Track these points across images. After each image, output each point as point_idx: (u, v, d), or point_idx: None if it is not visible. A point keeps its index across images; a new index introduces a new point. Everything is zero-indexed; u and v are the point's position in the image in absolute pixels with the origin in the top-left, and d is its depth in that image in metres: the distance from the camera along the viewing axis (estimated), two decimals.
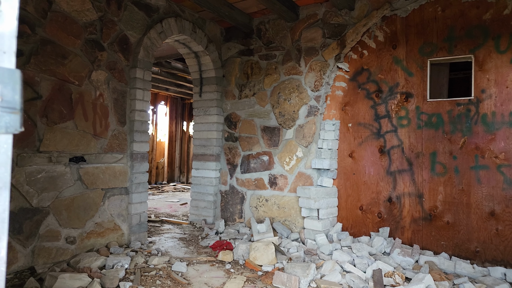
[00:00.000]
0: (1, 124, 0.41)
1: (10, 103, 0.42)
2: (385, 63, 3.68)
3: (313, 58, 4.08)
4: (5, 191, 0.42)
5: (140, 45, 3.76)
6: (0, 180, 0.41)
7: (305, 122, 4.08)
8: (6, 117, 0.42)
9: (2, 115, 0.41)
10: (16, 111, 0.42)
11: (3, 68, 0.41)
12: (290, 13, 4.10)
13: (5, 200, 0.42)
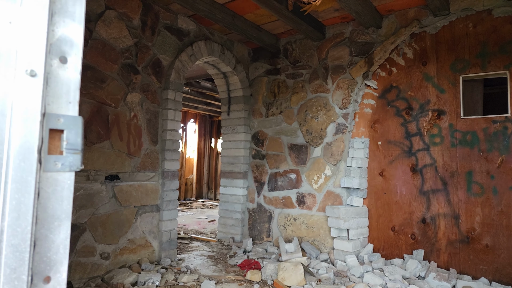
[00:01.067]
0: (65, 163, 0.49)
1: (73, 145, 0.49)
2: (415, 80, 3.63)
3: (340, 76, 4.11)
4: (67, 221, 0.49)
5: (172, 68, 3.95)
6: (63, 212, 0.48)
7: (333, 140, 4.07)
8: (70, 158, 0.49)
9: (67, 156, 0.49)
10: (78, 152, 0.49)
11: (68, 116, 0.48)
12: (316, 33, 4.17)
13: (67, 229, 0.49)
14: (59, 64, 0.48)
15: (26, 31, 0.44)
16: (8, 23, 0.42)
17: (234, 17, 3.99)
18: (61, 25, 0.47)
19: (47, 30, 0.46)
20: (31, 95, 0.44)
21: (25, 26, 0.44)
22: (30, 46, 0.44)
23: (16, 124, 0.44)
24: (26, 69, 0.44)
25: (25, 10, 0.43)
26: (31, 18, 0.43)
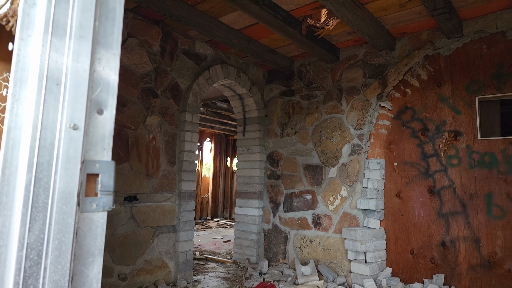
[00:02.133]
0: (100, 204, 0.54)
1: (106, 187, 0.55)
2: (430, 101, 3.63)
3: (354, 98, 4.14)
4: (100, 257, 0.54)
5: (189, 91, 4.08)
6: (97, 248, 0.54)
7: (349, 161, 4.07)
8: (103, 199, 0.55)
9: (101, 197, 0.54)
10: (110, 193, 0.55)
11: (103, 161, 0.54)
12: (330, 55, 4.24)
13: (99, 264, 0.54)
14: (96, 116, 0.54)
15: (71, 91, 0.50)
16: (55, 85, 0.49)
17: (250, 42, 4.12)
18: (100, 85, 0.53)
19: (88, 88, 0.52)
20: (73, 146, 0.50)
21: (70, 88, 0.50)
22: (74, 104, 0.50)
23: (60, 172, 0.50)
24: (70, 123, 0.50)
25: (71, 74, 0.50)
26: (76, 80, 0.50)
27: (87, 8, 0.55)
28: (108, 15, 0.61)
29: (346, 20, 3.31)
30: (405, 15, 3.44)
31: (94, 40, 0.55)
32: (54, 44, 0.53)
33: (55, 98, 0.49)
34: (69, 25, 0.53)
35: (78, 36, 0.53)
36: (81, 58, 0.53)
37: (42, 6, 0.50)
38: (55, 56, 0.50)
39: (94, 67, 0.52)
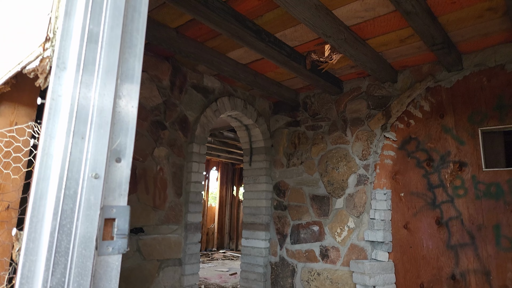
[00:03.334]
0: (115, 247, 0.58)
1: (122, 231, 0.59)
2: (434, 132, 3.67)
3: (359, 128, 4.19)
4: None
5: (197, 123, 4.17)
6: None
7: (355, 191, 4.06)
8: (119, 242, 0.58)
9: (117, 240, 0.58)
10: (125, 237, 0.59)
11: (119, 206, 0.59)
12: (334, 88, 4.35)
13: None
14: (115, 165, 0.59)
15: (95, 143, 0.56)
16: (80, 138, 0.55)
17: (256, 76, 4.26)
18: (119, 137, 0.59)
19: (109, 141, 0.58)
20: (94, 194, 0.55)
21: (94, 140, 0.56)
22: (97, 156, 0.56)
23: (82, 218, 0.54)
24: (92, 173, 0.55)
25: (94, 129, 0.55)
26: (99, 134, 0.56)
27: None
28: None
29: (348, 55, 3.43)
30: (405, 50, 3.55)
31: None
32: (83, 92, 0.59)
33: (79, 151, 0.55)
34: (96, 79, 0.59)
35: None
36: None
37: (71, 71, 0.56)
38: (83, 101, 0.56)
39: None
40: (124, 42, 0.62)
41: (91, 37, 0.59)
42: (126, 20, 0.64)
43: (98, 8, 0.60)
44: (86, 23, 0.59)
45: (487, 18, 2.96)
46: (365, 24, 3.13)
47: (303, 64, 3.77)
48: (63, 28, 0.59)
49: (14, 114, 1.00)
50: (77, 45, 0.57)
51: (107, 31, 0.60)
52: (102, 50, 0.60)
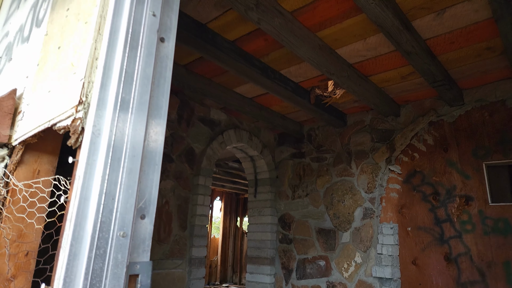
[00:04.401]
0: None
1: (145, 286, 0.62)
2: (439, 166, 3.69)
3: (363, 161, 4.22)
4: None
5: (203, 155, 4.23)
6: None
7: (361, 225, 4.03)
8: None
9: None
10: None
11: (143, 262, 0.62)
12: (337, 121, 4.43)
13: None
14: (140, 221, 0.63)
15: (123, 204, 0.60)
16: (111, 199, 0.60)
17: (261, 109, 4.36)
18: (144, 196, 0.63)
19: (136, 200, 0.62)
20: (121, 252, 0.59)
21: (122, 200, 0.60)
22: (124, 214, 0.60)
23: (110, 276, 0.57)
24: (120, 232, 0.59)
25: (123, 190, 0.60)
26: (127, 194, 0.60)
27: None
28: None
29: (351, 91, 3.52)
30: (407, 86, 3.65)
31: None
32: (112, 173, 0.64)
33: (109, 212, 0.59)
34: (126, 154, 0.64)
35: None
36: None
37: (105, 135, 0.62)
38: (113, 176, 0.61)
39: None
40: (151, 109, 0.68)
41: (123, 104, 0.65)
42: (153, 86, 0.71)
43: (130, 78, 0.66)
44: (120, 92, 0.65)
45: (486, 56, 3.06)
46: (367, 62, 3.24)
47: (307, 99, 3.87)
48: (99, 96, 0.65)
49: (37, 162, 1.05)
50: (110, 114, 0.63)
51: (137, 98, 0.67)
52: (132, 116, 0.66)
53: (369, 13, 2.43)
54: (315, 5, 2.55)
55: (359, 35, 2.87)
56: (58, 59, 0.92)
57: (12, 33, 1.39)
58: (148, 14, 0.74)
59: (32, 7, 1.27)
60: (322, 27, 2.78)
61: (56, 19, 1.04)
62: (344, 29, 2.80)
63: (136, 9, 0.72)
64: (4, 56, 1.37)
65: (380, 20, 2.48)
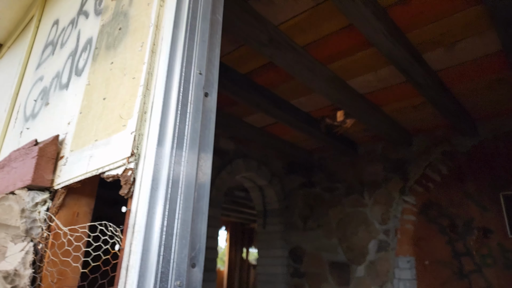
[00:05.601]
0: None
1: None
2: (455, 197, 3.72)
3: (376, 191, 4.26)
4: None
5: (212, 185, 4.29)
6: None
7: (376, 258, 4.01)
8: None
9: None
10: None
11: None
12: (348, 150, 4.51)
13: None
14: (191, 270, 0.70)
15: (178, 255, 0.68)
16: (168, 249, 0.67)
17: (271, 138, 4.46)
18: (196, 245, 0.71)
19: (189, 252, 0.70)
20: None
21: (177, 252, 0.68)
22: (180, 265, 0.67)
23: None
24: (177, 282, 0.66)
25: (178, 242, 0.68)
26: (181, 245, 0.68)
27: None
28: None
29: (362, 121, 3.63)
30: (419, 115, 3.75)
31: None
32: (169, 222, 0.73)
33: (167, 262, 0.66)
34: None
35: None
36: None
37: (163, 189, 0.70)
38: (170, 228, 0.69)
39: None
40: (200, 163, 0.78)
41: (177, 158, 0.74)
42: (201, 139, 0.80)
43: (182, 133, 0.76)
44: (174, 147, 0.74)
45: (498, 88, 3.17)
46: (379, 92, 3.36)
47: (317, 128, 3.97)
48: (156, 150, 0.74)
49: (77, 205, 1.14)
50: (166, 167, 0.72)
51: (188, 153, 0.76)
52: (184, 168, 0.74)
53: (380, 47, 2.57)
54: (327, 39, 2.70)
55: (370, 66, 3.00)
56: (104, 110, 1.02)
57: (47, 78, 1.51)
58: (195, 73, 0.84)
59: (70, 56, 1.39)
60: (333, 59, 2.92)
61: (98, 70, 1.15)
62: (355, 61, 2.94)
63: (186, 69, 0.82)
64: (40, 99, 1.49)
65: (391, 53, 2.61)
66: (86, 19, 1.40)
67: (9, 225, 1.13)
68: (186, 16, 0.86)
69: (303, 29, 2.62)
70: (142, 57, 0.94)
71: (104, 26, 1.22)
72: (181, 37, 0.84)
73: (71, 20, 1.55)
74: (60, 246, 1.02)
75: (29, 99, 1.64)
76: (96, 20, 1.31)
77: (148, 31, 0.96)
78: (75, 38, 1.41)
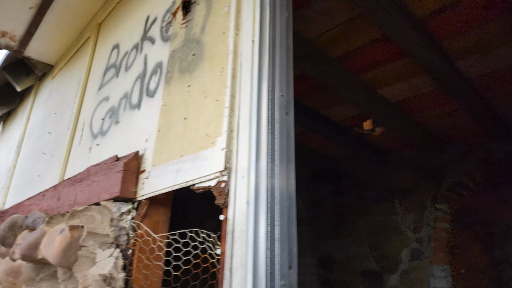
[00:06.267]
0: None
1: None
2: (491, 204, 3.71)
3: (407, 199, 4.28)
4: None
5: None
6: None
7: (410, 267, 4.01)
8: None
9: None
10: None
11: None
12: (377, 158, 4.55)
13: None
14: (289, 272, 0.81)
15: (281, 258, 0.79)
16: (273, 254, 0.78)
17: (297, 146, 4.53)
18: (292, 249, 0.82)
19: (287, 254, 0.81)
20: None
21: (279, 255, 0.79)
22: (283, 267, 0.78)
23: None
24: (281, 282, 0.77)
25: (279, 245, 0.79)
26: (282, 249, 0.79)
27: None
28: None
29: (394, 129, 3.68)
30: (451, 122, 3.77)
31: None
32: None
33: (272, 264, 0.77)
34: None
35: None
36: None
37: (263, 199, 0.82)
38: (273, 234, 0.80)
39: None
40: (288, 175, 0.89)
41: (272, 172, 0.85)
42: (287, 155, 0.92)
43: (272, 149, 0.88)
44: (269, 161, 0.86)
45: None
46: (410, 100, 3.42)
47: (347, 136, 4.04)
48: (256, 165, 0.86)
49: (157, 214, 1.26)
50: (264, 180, 0.83)
51: (278, 167, 0.87)
52: (277, 180, 0.86)
53: (415, 57, 2.65)
54: (359, 51, 2.80)
55: (402, 76, 3.07)
56: (186, 128, 1.14)
57: (114, 99, 1.67)
58: (279, 95, 0.96)
59: (138, 78, 1.54)
60: (365, 70, 3.01)
61: (174, 92, 1.28)
62: (387, 71, 3.02)
63: (271, 92, 0.94)
64: (108, 118, 1.64)
65: (426, 62, 2.69)
66: (152, 44, 1.54)
67: (97, 233, 1.26)
68: (268, 44, 0.98)
69: (336, 42, 2.73)
70: (223, 81, 1.07)
71: (174, 51, 1.36)
72: (265, 64, 0.96)
73: (134, 45, 1.70)
74: (146, 251, 1.14)
75: (95, 117, 1.80)
76: (164, 46, 1.45)
77: (227, 57, 1.09)
78: (142, 62, 1.56)
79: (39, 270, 1.43)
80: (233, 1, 1.14)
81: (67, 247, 1.24)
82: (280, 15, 1.03)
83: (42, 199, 1.81)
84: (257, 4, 1.03)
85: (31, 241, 1.37)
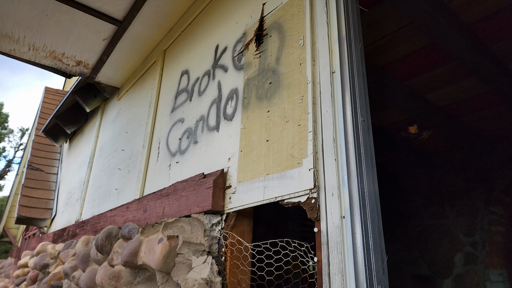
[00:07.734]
0: None
1: None
2: None
3: (458, 202, 4.22)
4: None
5: None
6: None
7: (464, 271, 3.96)
8: None
9: None
10: None
11: None
12: (424, 161, 4.52)
13: None
14: (383, 277, 0.94)
15: (375, 264, 0.92)
16: (370, 261, 0.92)
17: None
18: (383, 255, 0.95)
19: (380, 261, 0.94)
20: None
21: (374, 262, 0.92)
22: (378, 273, 0.91)
23: None
24: (379, 286, 0.90)
25: (374, 252, 0.92)
26: (376, 256, 0.92)
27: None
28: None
29: (442, 132, 3.68)
30: (503, 124, 3.71)
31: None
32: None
33: (370, 271, 0.90)
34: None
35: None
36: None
37: (357, 216, 0.95)
38: (368, 243, 0.94)
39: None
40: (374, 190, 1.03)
41: (361, 192, 0.99)
42: (371, 171, 1.06)
43: (361, 169, 1.01)
44: (359, 181, 1.00)
45: None
46: (458, 103, 3.42)
47: (392, 140, 4.07)
48: (349, 185, 1.00)
49: (242, 225, 1.43)
50: (357, 200, 0.97)
51: (367, 185, 1.01)
52: (367, 198, 0.99)
53: (464, 61, 2.68)
54: (406, 59, 2.86)
55: (450, 80, 3.09)
56: (269, 149, 1.30)
57: (190, 121, 1.86)
58: (360, 120, 1.10)
59: (213, 103, 1.73)
60: (412, 76, 3.06)
61: (253, 117, 1.45)
62: (435, 76, 3.05)
63: (355, 119, 1.08)
64: (185, 138, 1.84)
65: (476, 66, 2.71)
66: (225, 72, 1.73)
67: (191, 242, 1.44)
68: (348, 74, 1.12)
69: (383, 51, 2.81)
70: (304, 108, 1.21)
71: (249, 79, 1.53)
72: (347, 93, 1.10)
73: (205, 72, 1.90)
74: (240, 258, 1.31)
75: (171, 137, 2.01)
76: (238, 74, 1.63)
77: (306, 86, 1.23)
78: (216, 88, 1.75)
79: (136, 274, 1.64)
80: (307, 35, 1.29)
81: (167, 254, 1.43)
82: (355, 46, 1.16)
83: (127, 211, 2.04)
84: (335, 39, 1.17)
85: (131, 249, 1.57)
